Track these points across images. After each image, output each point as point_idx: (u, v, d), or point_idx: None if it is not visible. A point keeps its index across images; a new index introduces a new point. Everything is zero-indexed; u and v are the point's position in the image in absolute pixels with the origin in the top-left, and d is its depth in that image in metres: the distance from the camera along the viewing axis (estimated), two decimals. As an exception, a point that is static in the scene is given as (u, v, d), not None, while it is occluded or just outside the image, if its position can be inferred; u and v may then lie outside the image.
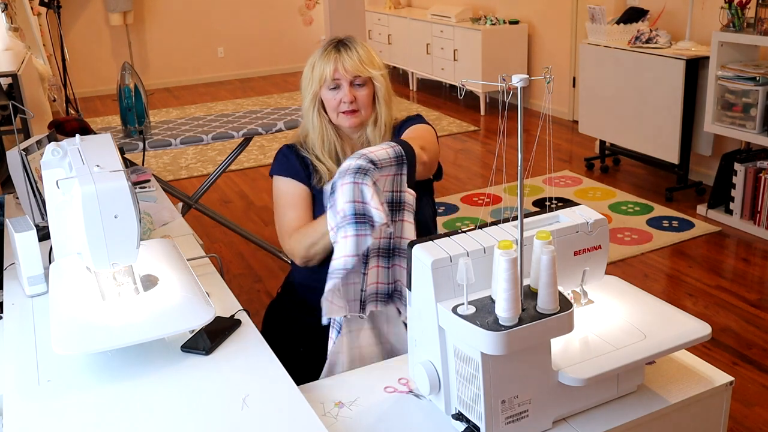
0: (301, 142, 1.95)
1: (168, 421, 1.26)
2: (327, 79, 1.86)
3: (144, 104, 3.63)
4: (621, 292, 1.45)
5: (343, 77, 1.85)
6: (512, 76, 1.08)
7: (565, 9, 6.08)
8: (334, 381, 1.44)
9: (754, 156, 4.01)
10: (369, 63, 1.87)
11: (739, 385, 2.65)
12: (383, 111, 1.91)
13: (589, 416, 1.28)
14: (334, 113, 1.89)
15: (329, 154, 1.91)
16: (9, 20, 5.47)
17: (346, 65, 1.85)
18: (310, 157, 1.92)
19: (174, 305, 1.47)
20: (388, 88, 1.92)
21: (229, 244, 4.13)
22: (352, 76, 1.85)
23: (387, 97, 1.91)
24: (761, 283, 3.45)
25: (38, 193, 2.04)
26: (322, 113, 1.91)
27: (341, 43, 1.88)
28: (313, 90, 1.89)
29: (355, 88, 1.87)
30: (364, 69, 1.85)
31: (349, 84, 1.86)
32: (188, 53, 8.63)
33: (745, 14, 3.91)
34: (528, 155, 1.37)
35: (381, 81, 1.89)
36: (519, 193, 1.15)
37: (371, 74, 1.87)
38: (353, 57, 1.85)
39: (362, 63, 1.85)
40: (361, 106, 1.88)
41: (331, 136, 1.92)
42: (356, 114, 1.88)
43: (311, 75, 1.89)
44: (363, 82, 1.87)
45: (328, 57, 1.87)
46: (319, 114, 1.90)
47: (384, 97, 1.91)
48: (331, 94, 1.87)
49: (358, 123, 1.89)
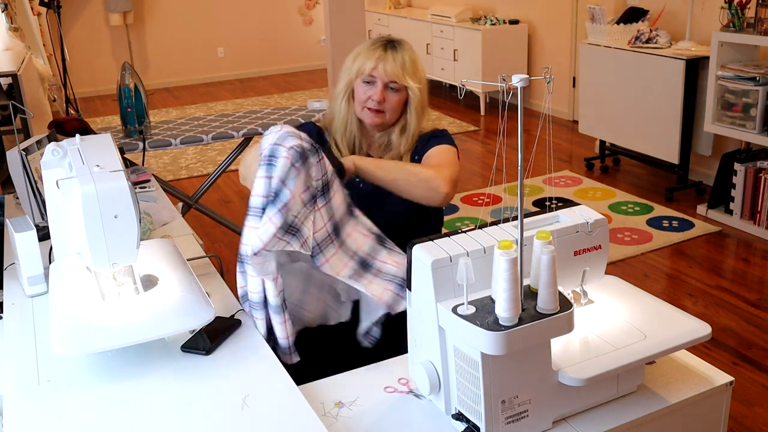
0: (327, 126, 1.97)
1: (168, 421, 1.26)
2: (364, 73, 1.85)
3: (144, 104, 3.63)
4: (621, 292, 1.45)
5: (380, 77, 1.84)
6: (512, 76, 1.08)
7: (565, 9, 6.08)
8: (334, 381, 1.44)
9: (754, 156, 4.01)
10: (411, 72, 1.85)
11: (739, 385, 2.65)
12: (413, 121, 1.89)
13: (589, 416, 1.28)
14: (360, 106, 1.88)
15: (347, 144, 1.92)
16: (9, 20, 5.47)
17: (387, 67, 1.84)
18: (330, 142, 1.93)
19: (174, 305, 1.47)
20: (422, 101, 1.90)
21: (229, 244, 4.12)
22: (388, 79, 1.84)
23: (419, 108, 1.89)
24: (761, 283, 3.45)
25: (38, 193, 2.04)
26: (351, 103, 1.90)
27: (391, 43, 1.87)
28: (349, 78, 1.89)
29: (388, 90, 1.85)
30: (402, 76, 1.84)
31: (384, 85, 1.85)
32: (188, 53, 8.63)
33: (745, 14, 3.91)
34: (528, 155, 1.37)
35: (416, 93, 1.87)
36: (519, 193, 1.15)
37: (408, 84, 1.85)
38: (397, 61, 1.84)
39: (403, 70, 1.84)
40: (388, 109, 1.86)
41: (353, 128, 1.92)
42: (380, 114, 1.86)
43: (352, 64, 1.89)
44: (398, 88, 1.85)
45: (372, 53, 1.86)
46: (348, 103, 1.90)
47: (416, 108, 1.88)
48: (363, 88, 1.87)
49: (380, 123, 1.89)
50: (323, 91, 8.01)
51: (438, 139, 1.91)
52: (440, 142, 1.90)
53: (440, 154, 1.86)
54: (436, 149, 1.88)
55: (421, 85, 1.88)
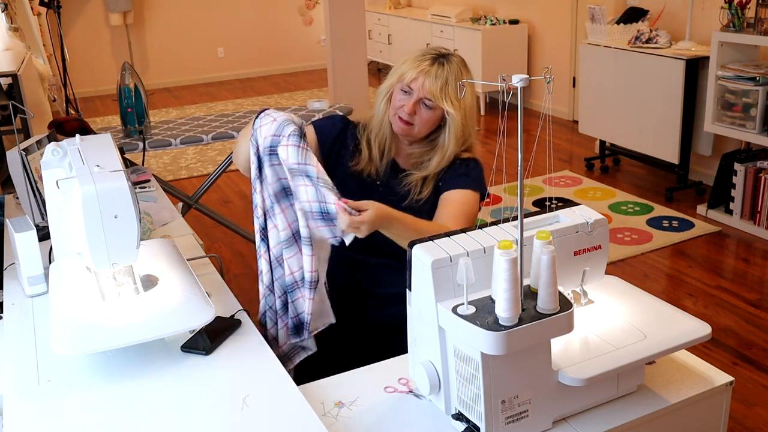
0: (366, 123, 1.91)
1: (168, 421, 1.26)
2: (404, 82, 1.78)
3: (144, 104, 3.63)
4: (621, 292, 1.45)
5: (417, 90, 1.76)
6: (512, 76, 1.08)
7: (565, 9, 6.08)
8: (334, 381, 1.44)
9: (754, 156, 4.01)
10: (451, 95, 1.75)
11: (739, 385, 2.65)
12: (451, 146, 1.79)
13: (589, 416, 1.28)
14: (393, 111, 1.81)
15: (379, 144, 1.86)
16: (9, 20, 5.47)
17: (426, 82, 1.75)
18: (362, 139, 1.88)
19: (174, 305, 1.47)
20: (464, 125, 1.80)
21: (229, 244, 4.13)
22: (425, 95, 1.75)
23: (459, 133, 1.79)
24: (761, 283, 3.45)
25: (38, 193, 2.04)
26: (388, 105, 1.84)
27: (441, 58, 1.79)
28: (392, 80, 1.83)
29: (421, 105, 1.77)
30: (439, 97, 1.75)
31: (418, 99, 1.76)
32: (188, 53, 8.63)
33: (745, 14, 3.91)
34: (528, 155, 1.37)
35: (454, 118, 1.77)
36: (519, 193, 1.15)
37: (443, 107, 1.76)
38: (439, 80, 1.75)
39: (442, 91, 1.75)
40: (418, 123, 1.78)
41: (386, 130, 1.85)
42: (408, 126, 1.79)
43: (398, 67, 1.82)
44: (433, 106, 1.76)
45: (419, 63, 1.77)
46: (386, 104, 1.84)
47: (455, 133, 1.78)
48: (400, 95, 1.80)
49: (406, 134, 1.81)
50: (323, 91, 8.01)
51: (465, 178, 1.80)
52: (466, 183, 1.79)
53: (458, 204, 1.77)
54: (459, 195, 1.78)
55: (457, 111, 1.77)
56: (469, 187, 1.79)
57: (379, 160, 1.86)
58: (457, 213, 1.74)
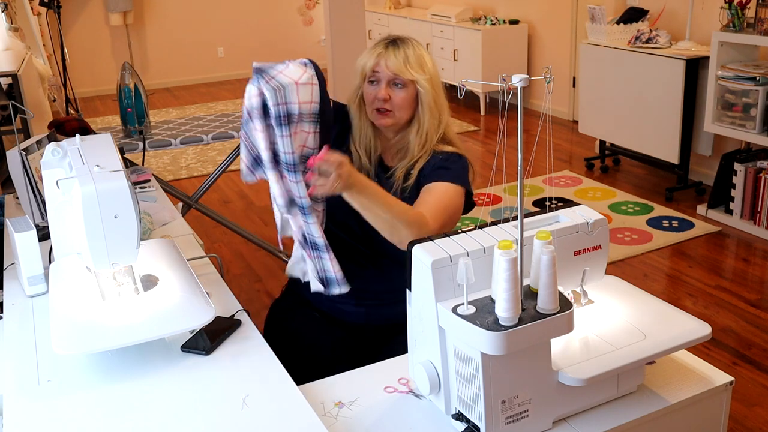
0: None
1: (168, 421, 1.26)
2: (367, 73, 1.80)
3: (144, 104, 3.64)
4: (621, 292, 1.45)
5: (383, 74, 1.77)
6: (512, 76, 1.08)
7: (565, 9, 6.08)
8: (334, 381, 1.44)
9: (754, 156, 4.01)
10: (415, 66, 1.77)
11: (739, 385, 2.65)
12: (426, 118, 1.80)
13: (589, 416, 1.28)
14: (370, 108, 1.82)
15: (364, 149, 1.86)
16: (9, 20, 5.47)
17: (388, 62, 1.77)
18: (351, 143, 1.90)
19: (174, 305, 1.47)
20: (435, 96, 1.80)
21: (229, 244, 4.13)
22: (392, 74, 1.77)
23: (432, 104, 1.79)
24: (761, 283, 3.45)
25: (38, 193, 2.04)
26: (362, 107, 1.85)
27: (393, 41, 1.81)
28: (357, 83, 1.84)
29: (392, 87, 1.78)
30: (406, 70, 1.76)
31: (387, 81, 1.78)
32: (188, 53, 8.63)
33: (745, 14, 3.91)
34: (528, 155, 1.37)
35: (425, 86, 1.78)
36: (519, 193, 1.15)
37: (414, 77, 1.77)
38: (399, 56, 1.77)
39: (406, 64, 1.76)
40: (396, 107, 1.78)
41: (367, 132, 1.85)
42: (388, 114, 1.79)
43: (357, 68, 1.84)
44: (403, 84, 1.77)
45: (374, 51, 1.80)
46: (359, 107, 1.85)
47: (428, 104, 1.79)
48: (369, 89, 1.80)
49: (390, 124, 1.81)
50: (323, 91, 8.00)
51: (445, 171, 1.77)
52: (447, 176, 1.76)
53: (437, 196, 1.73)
54: (438, 187, 1.75)
55: (429, 77, 1.78)
56: (450, 180, 1.76)
57: (368, 162, 1.87)
58: (436, 203, 1.71)
